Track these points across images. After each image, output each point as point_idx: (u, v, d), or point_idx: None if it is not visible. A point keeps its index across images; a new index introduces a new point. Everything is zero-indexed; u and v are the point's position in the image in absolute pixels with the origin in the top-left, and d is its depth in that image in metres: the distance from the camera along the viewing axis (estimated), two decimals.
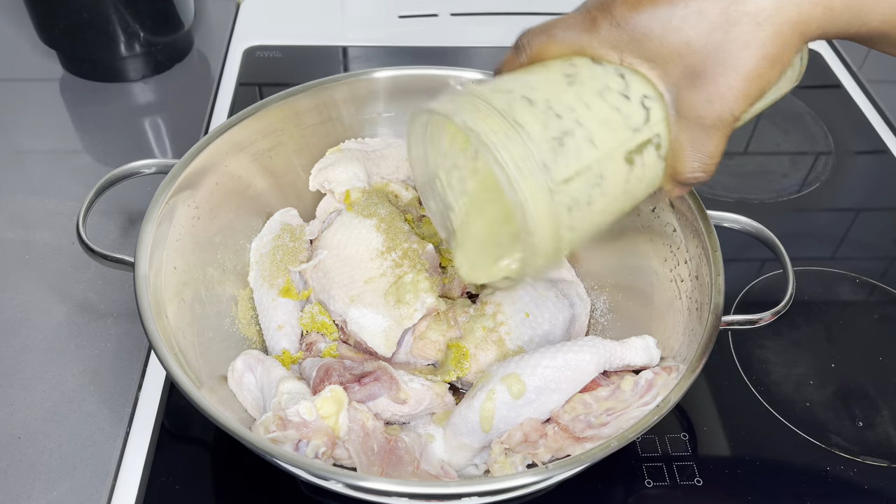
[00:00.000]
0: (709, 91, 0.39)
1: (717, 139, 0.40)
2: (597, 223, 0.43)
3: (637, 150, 0.41)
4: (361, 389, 0.51)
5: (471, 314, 0.57)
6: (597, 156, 0.40)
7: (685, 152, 0.41)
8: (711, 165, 0.42)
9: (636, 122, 0.41)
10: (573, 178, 0.40)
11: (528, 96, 0.40)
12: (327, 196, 0.67)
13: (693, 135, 0.40)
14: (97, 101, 0.86)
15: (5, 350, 0.62)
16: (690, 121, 0.40)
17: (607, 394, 0.50)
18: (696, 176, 0.42)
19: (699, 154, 0.41)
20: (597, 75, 0.41)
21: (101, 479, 0.55)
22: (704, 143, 0.40)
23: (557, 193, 0.39)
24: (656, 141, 0.42)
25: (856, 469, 0.57)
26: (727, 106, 0.39)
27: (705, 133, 0.40)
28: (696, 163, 0.41)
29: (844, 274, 0.72)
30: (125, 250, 0.63)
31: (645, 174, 0.42)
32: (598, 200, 0.41)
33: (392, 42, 0.96)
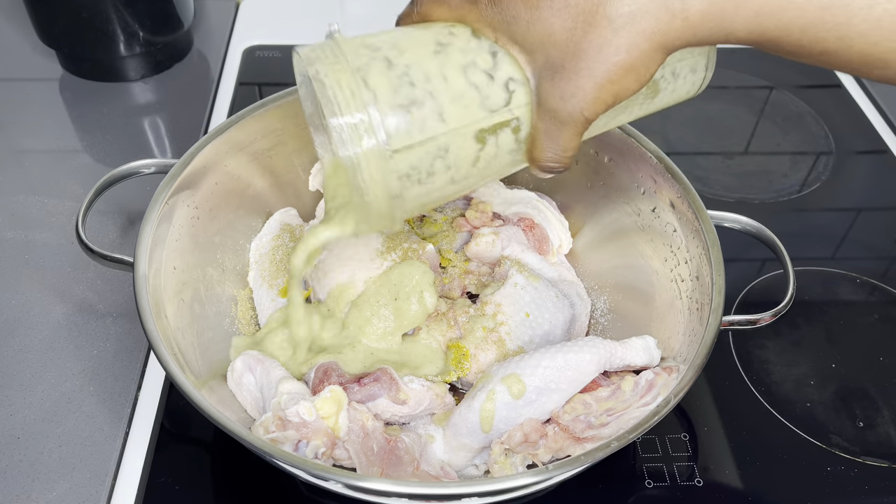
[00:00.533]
0: (563, 87, 0.39)
1: (569, 134, 0.41)
2: (442, 193, 0.43)
3: (490, 130, 0.42)
4: (361, 390, 0.51)
5: (471, 314, 0.57)
6: (443, 130, 0.41)
7: (541, 140, 0.42)
8: (565, 157, 0.42)
9: (494, 103, 0.41)
10: (413, 146, 0.40)
11: (389, 58, 0.41)
12: None
13: (548, 125, 0.41)
14: (97, 101, 0.86)
15: (5, 350, 0.62)
16: (546, 112, 0.40)
17: (607, 394, 0.50)
18: (551, 165, 0.43)
19: (553, 144, 0.41)
20: (469, 49, 0.41)
21: (101, 479, 0.55)
22: (557, 135, 0.41)
23: (392, 160, 0.40)
24: (515, 124, 0.42)
25: (856, 469, 0.57)
26: (577, 106, 0.39)
27: (557, 127, 0.41)
28: (549, 152, 0.42)
29: (844, 274, 0.72)
30: (125, 250, 0.63)
31: (500, 154, 0.43)
32: (441, 172, 0.42)
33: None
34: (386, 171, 0.41)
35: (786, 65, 0.96)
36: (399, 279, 0.57)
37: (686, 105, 0.51)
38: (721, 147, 0.86)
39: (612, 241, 0.65)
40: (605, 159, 0.64)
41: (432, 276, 0.58)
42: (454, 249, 0.64)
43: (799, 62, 0.40)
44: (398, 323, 0.56)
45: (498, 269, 0.60)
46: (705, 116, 0.89)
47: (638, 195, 0.62)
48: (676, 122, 0.88)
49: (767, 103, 0.92)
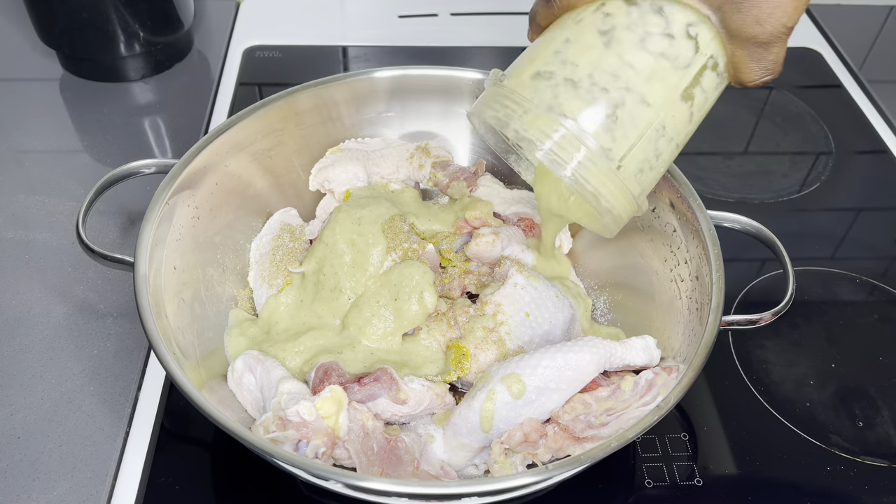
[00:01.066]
0: (755, 13, 0.38)
1: (777, 49, 0.40)
2: (671, 157, 0.44)
3: (693, 83, 0.41)
4: (361, 390, 0.51)
5: (471, 314, 0.57)
6: (654, 112, 0.40)
7: (746, 65, 0.41)
8: (776, 68, 0.41)
9: (686, 58, 0.41)
10: (635, 144, 0.40)
11: (570, 77, 0.40)
12: (327, 196, 0.67)
13: (751, 51, 0.40)
14: (97, 101, 0.86)
15: (5, 350, 0.62)
16: (745, 40, 0.40)
17: (607, 394, 0.50)
18: (764, 79, 0.42)
19: (761, 65, 0.41)
20: (633, 22, 0.40)
21: (101, 479, 0.55)
22: (764, 55, 0.40)
23: (624, 168, 0.40)
24: (711, 63, 0.41)
25: (856, 469, 0.57)
26: (779, 21, 0.38)
27: (763, 48, 0.40)
28: (759, 72, 0.41)
29: (844, 274, 0.72)
30: (125, 250, 0.63)
31: (708, 96, 0.43)
32: (665, 147, 0.42)
33: (392, 42, 0.96)
34: (622, 185, 0.41)
35: (786, 65, 0.96)
36: (399, 279, 0.57)
37: None
38: (721, 147, 0.86)
39: (612, 241, 0.65)
40: None
41: (432, 276, 0.58)
42: (454, 249, 0.64)
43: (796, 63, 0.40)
44: (398, 323, 0.56)
45: (498, 269, 0.60)
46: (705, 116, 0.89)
47: None
48: None
49: (767, 103, 0.92)
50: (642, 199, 0.45)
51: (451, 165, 0.67)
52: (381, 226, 0.59)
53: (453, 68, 0.68)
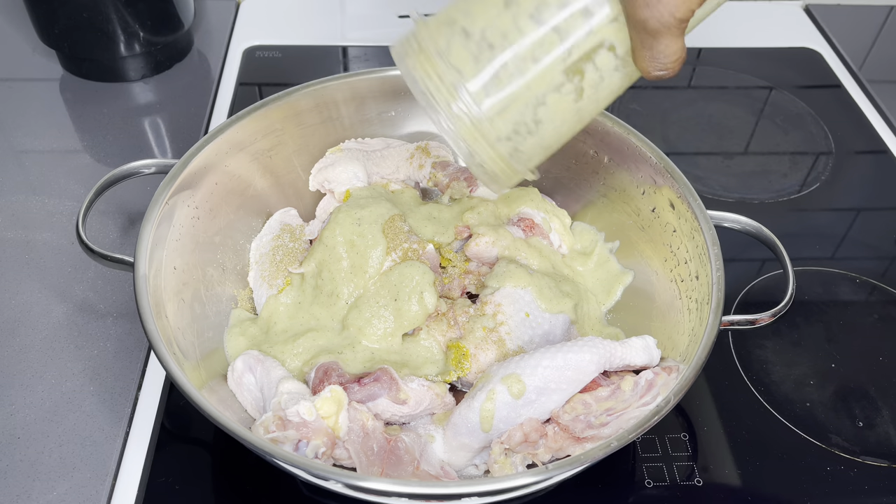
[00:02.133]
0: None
1: (666, 41, 0.39)
2: (559, 133, 0.45)
3: (581, 61, 0.42)
4: (361, 390, 0.51)
5: (471, 314, 0.57)
6: (533, 77, 0.41)
7: (640, 53, 0.40)
8: (670, 64, 0.40)
9: (575, 36, 0.41)
10: (508, 107, 0.42)
11: (466, 28, 0.42)
12: (327, 196, 0.67)
13: (641, 37, 0.39)
14: (97, 101, 0.86)
15: (5, 350, 0.62)
16: (636, 24, 0.39)
17: (607, 394, 0.50)
18: (660, 73, 0.41)
19: (652, 53, 0.40)
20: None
21: (101, 479, 0.55)
22: (654, 45, 0.39)
23: (493, 126, 0.42)
24: (608, 44, 0.41)
25: (856, 469, 0.57)
26: (667, 9, 0.38)
27: (652, 36, 0.39)
28: (651, 62, 0.40)
29: (844, 274, 0.72)
30: (125, 250, 0.63)
31: (605, 76, 0.43)
32: (548, 119, 0.43)
33: (392, 42, 0.96)
34: (491, 140, 0.42)
35: (786, 65, 0.96)
36: (399, 279, 0.57)
37: (686, 105, 0.51)
38: (721, 147, 0.86)
39: (612, 241, 0.66)
40: (605, 159, 0.64)
41: (432, 276, 0.58)
42: (454, 249, 0.64)
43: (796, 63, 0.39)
44: (398, 323, 0.56)
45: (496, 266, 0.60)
46: (705, 116, 0.89)
47: (638, 195, 0.62)
48: (676, 123, 0.88)
49: (767, 103, 0.92)
50: (524, 164, 0.45)
51: (451, 165, 0.67)
52: (381, 226, 0.59)
53: None
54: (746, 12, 1.05)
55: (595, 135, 0.64)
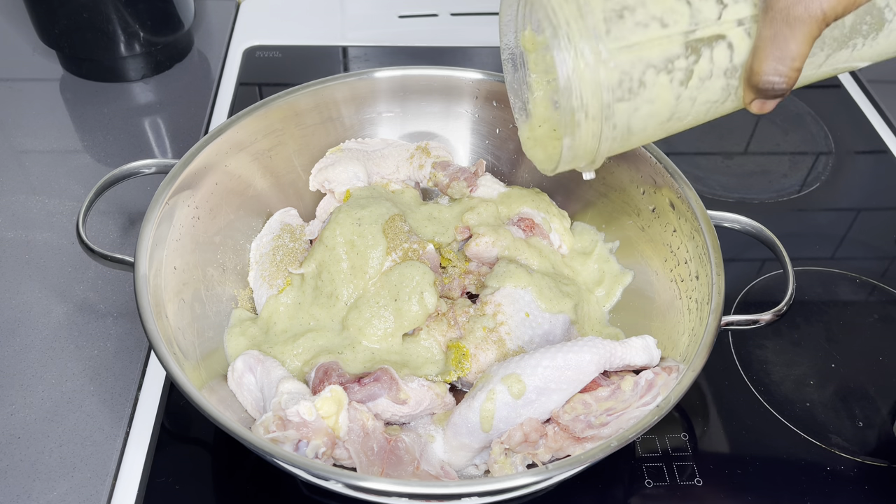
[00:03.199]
0: None
1: (801, 37, 0.38)
2: (648, 115, 0.43)
3: (703, 41, 0.41)
4: (361, 390, 0.51)
5: (471, 314, 0.57)
6: (653, 36, 0.41)
7: (765, 49, 0.39)
8: (791, 70, 0.39)
9: (706, 16, 0.41)
10: (626, 49, 0.41)
11: None
12: (327, 196, 0.67)
13: (776, 29, 0.38)
14: (97, 101, 0.86)
15: (5, 350, 0.62)
16: (776, 13, 0.38)
17: (607, 394, 0.50)
18: (773, 80, 0.40)
19: (779, 52, 0.38)
20: None
21: (101, 479, 0.55)
22: (787, 39, 0.38)
23: (607, 63, 0.40)
24: (729, 40, 0.41)
25: (856, 469, 0.57)
26: (817, 1, 0.36)
27: (790, 28, 0.38)
28: (774, 62, 0.39)
29: (844, 274, 0.72)
30: (125, 250, 0.63)
31: (713, 74, 0.42)
32: (650, 84, 0.42)
33: (392, 42, 0.96)
34: (601, 76, 0.41)
35: None
36: (399, 279, 0.57)
37: None
38: (721, 147, 0.86)
39: (612, 241, 0.66)
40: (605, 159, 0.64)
41: (433, 276, 0.58)
42: (454, 249, 0.64)
43: None
44: (398, 323, 0.56)
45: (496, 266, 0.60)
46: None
47: (638, 195, 0.62)
48: None
49: None
50: (608, 128, 0.44)
51: (451, 165, 0.67)
52: (381, 226, 0.59)
53: (453, 68, 0.68)
54: None
55: None
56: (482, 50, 0.96)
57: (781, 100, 0.42)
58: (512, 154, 0.70)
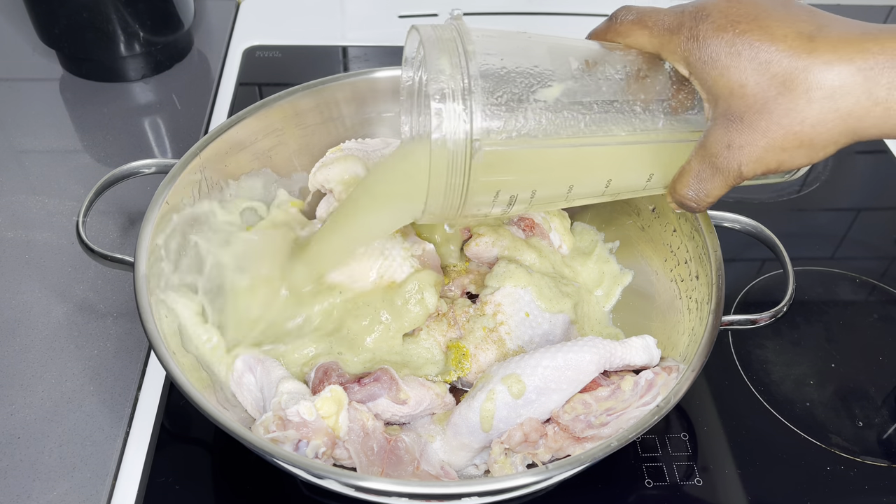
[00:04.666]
0: (732, 137, 0.39)
1: (718, 183, 0.41)
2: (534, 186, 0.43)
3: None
4: (361, 390, 0.51)
5: (471, 314, 0.57)
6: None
7: (688, 177, 0.42)
8: (704, 201, 0.43)
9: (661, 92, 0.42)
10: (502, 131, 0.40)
11: (505, 66, 0.41)
12: (327, 196, 0.67)
13: (701, 167, 0.41)
14: (97, 101, 0.86)
15: (6, 350, 0.62)
16: (706, 155, 0.41)
17: (607, 394, 0.50)
18: (688, 203, 0.44)
19: (697, 185, 0.42)
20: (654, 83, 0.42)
21: (101, 479, 0.55)
22: (706, 179, 0.42)
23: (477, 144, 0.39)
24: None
25: (856, 469, 0.57)
26: (738, 159, 0.39)
27: (711, 172, 0.41)
28: (691, 191, 0.43)
29: (844, 274, 0.72)
30: (125, 250, 0.63)
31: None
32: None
33: (392, 42, 0.96)
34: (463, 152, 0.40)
35: None
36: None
37: None
38: None
39: (612, 241, 0.66)
40: None
41: (434, 276, 0.58)
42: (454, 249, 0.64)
43: None
44: (398, 323, 0.56)
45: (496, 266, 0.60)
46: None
47: None
48: None
49: None
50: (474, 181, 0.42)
51: None
52: None
53: None
54: None
55: None
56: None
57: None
58: None
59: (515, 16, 1.01)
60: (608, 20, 0.45)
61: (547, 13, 1.00)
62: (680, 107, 0.43)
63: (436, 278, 0.58)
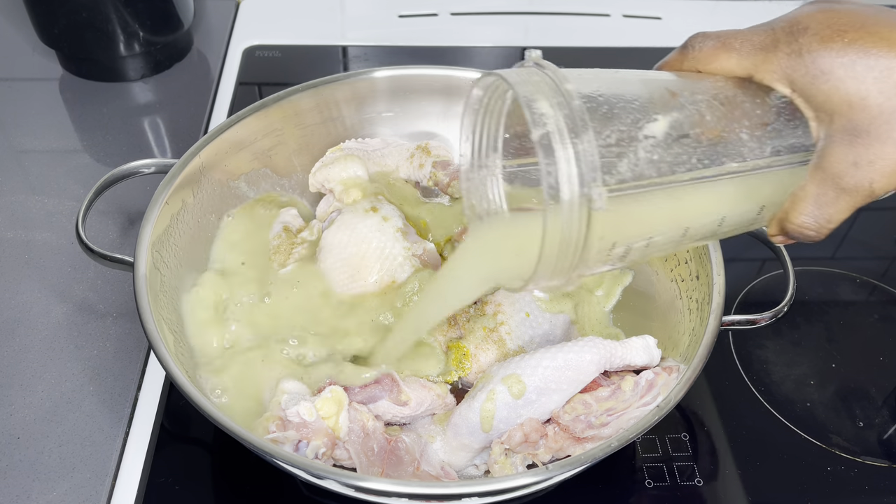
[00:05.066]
0: (859, 153, 0.36)
1: (844, 205, 0.38)
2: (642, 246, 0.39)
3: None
4: (362, 391, 0.51)
5: (471, 314, 0.57)
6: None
7: (806, 203, 0.39)
8: (825, 228, 0.39)
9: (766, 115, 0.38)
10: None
11: (607, 103, 0.36)
12: (327, 196, 0.67)
13: (822, 190, 0.38)
14: (97, 101, 0.86)
15: (5, 350, 0.62)
16: (828, 176, 0.38)
17: (608, 394, 0.50)
18: (805, 232, 0.40)
19: (818, 211, 0.39)
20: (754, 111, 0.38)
21: (101, 479, 0.55)
22: (829, 203, 0.38)
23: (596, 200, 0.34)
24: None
25: (856, 469, 0.57)
26: (871, 176, 0.36)
27: (835, 193, 0.38)
28: (810, 218, 0.39)
29: (844, 274, 0.72)
30: (125, 250, 0.63)
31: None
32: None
33: (392, 42, 0.96)
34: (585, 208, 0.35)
35: None
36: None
37: None
38: None
39: None
40: None
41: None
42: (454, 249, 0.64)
43: None
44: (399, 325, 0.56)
45: None
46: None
47: None
48: None
49: None
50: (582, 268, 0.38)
51: (451, 165, 0.67)
52: None
53: (453, 68, 0.68)
54: (748, 12, 1.05)
55: None
56: (482, 50, 0.96)
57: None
58: None
59: (516, 16, 1.01)
60: (682, 49, 0.41)
61: (547, 13, 1.00)
62: (784, 129, 0.39)
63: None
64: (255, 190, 0.65)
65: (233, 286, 0.58)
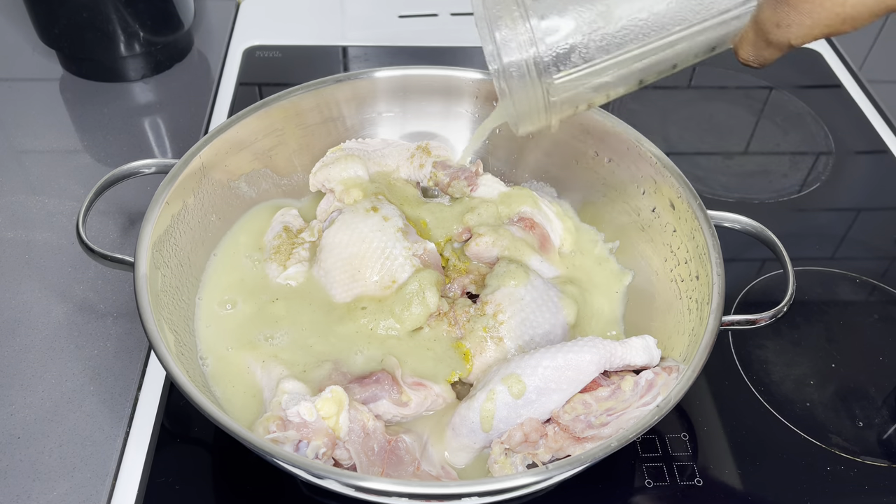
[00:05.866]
0: (780, 16, 0.43)
1: (773, 52, 0.46)
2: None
3: None
4: (362, 391, 0.51)
5: (471, 314, 0.57)
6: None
7: (747, 45, 0.47)
8: (764, 64, 0.47)
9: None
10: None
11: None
12: (327, 196, 0.67)
13: (756, 38, 0.46)
14: (97, 101, 0.86)
15: (5, 350, 0.62)
16: (759, 29, 0.45)
17: (607, 394, 0.50)
18: (749, 65, 0.48)
19: (755, 53, 0.47)
20: None
21: (101, 479, 0.55)
22: (762, 48, 0.46)
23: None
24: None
25: (855, 469, 0.57)
26: (787, 35, 0.43)
27: (765, 44, 0.45)
28: (751, 56, 0.47)
29: (844, 274, 0.72)
30: (125, 250, 0.63)
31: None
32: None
33: (392, 42, 0.96)
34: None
35: (785, 65, 0.96)
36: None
37: (686, 105, 0.51)
38: (721, 147, 0.86)
39: (612, 240, 0.66)
40: (605, 160, 0.64)
41: (435, 275, 0.58)
42: (455, 248, 0.64)
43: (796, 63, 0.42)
44: (400, 324, 0.56)
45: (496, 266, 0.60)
46: (705, 116, 0.89)
47: (638, 195, 0.62)
48: (676, 123, 0.88)
49: (767, 103, 0.92)
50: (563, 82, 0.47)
51: (451, 165, 0.67)
52: None
53: (453, 68, 0.68)
54: None
55: (595, 135, 0.64)
56: (482, 50, 0.96)
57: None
58: (512, 154, 0.70)
59: None
60: None
61: None
62: None
63: (437, 277, 0.58)
64: (255, 190, 0.65)
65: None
